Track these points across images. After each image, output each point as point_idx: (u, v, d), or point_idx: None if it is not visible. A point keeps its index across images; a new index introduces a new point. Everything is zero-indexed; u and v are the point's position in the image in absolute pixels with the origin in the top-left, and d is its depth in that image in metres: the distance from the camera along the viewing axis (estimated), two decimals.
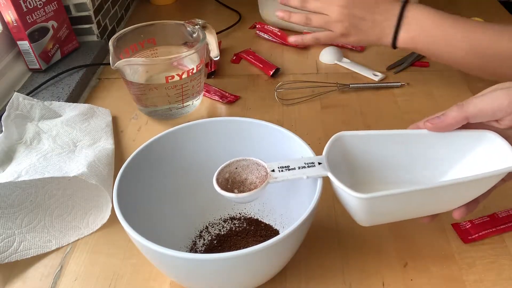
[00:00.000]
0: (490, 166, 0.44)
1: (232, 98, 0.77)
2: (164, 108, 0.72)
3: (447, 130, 0.46)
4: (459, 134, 0.46)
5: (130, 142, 0.70)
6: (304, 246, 0.52)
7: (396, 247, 0.51)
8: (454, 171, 0.48)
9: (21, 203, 0.56)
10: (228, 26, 0.99)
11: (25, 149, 0.61)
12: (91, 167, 0.56)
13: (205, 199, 0.54)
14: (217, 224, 0.55)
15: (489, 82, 0.49)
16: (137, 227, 0.41)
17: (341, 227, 0.54)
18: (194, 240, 0.53)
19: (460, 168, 0.48)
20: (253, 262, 0.40)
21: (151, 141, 0.50)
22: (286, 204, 0.53)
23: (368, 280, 0.48)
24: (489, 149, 0.46)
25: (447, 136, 0.46)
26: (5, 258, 0.52)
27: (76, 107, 0.71)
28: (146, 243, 0.39)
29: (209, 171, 0.54)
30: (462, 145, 0.47)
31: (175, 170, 0.53)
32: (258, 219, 0.55)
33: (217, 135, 0.53)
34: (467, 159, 0.47)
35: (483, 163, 0.46)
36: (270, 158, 0.52)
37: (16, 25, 0.77)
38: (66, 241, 0.55)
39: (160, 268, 0.45)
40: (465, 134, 0.46)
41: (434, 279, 0.48)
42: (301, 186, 0.49)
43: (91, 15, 0.90)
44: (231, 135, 0.53)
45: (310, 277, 0.49)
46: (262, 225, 0.54)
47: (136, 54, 0.73)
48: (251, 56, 0.87)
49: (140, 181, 0.49)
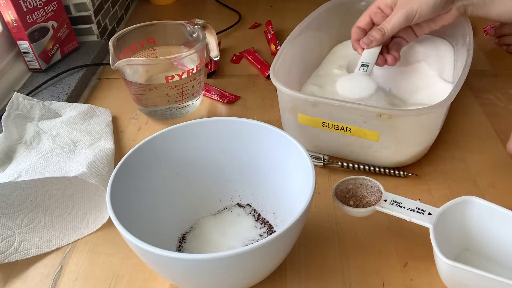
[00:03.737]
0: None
1: (232, 98, 0.77)
2: (164, 108, 0.72)
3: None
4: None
5: (130, 142, 0.70)
6: (304, 246, 0.52)
7: (396, 247, 0.51)
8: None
9: (21, 203, 0.56)
10: (228, 26, 0.99)
11: (25, 149, 0.61)
12: (91, 167, 0.56)
13: (198, 198, 0.54)
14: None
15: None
16: (130, 227, 0.40)
17: (341, 227, 0.54)
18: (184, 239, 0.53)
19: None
20: (247, 261, 0.40)
21: (146, 141, 0.50)
22: (279, 203, 0.53)
23: (368, 280, 0.48)
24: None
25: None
26: (5, 258, 0.52)
27: (76, 107, 0.71)
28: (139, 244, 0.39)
29: (206, 171, 0.55)
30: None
31: (170, 170, 0.53)
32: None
33: (211, 135, 0.53)
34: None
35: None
36: (266, 160, 0.53)
37: (16, 25, 0.77)
38: (66, 241, 0.55)
39: (154, 269, 0.44)
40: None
41: (434, 279, 0.48)
42: (295, 185, 0.49)
43: (91, 15, 0.90)
44: (226, 135, 0.53)
45: (310, 277, 0.49)
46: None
47: (136, 54, 0.73)
48: (251, 56, 0.87)
49: (134, 181, 0.49)
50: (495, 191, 0.57)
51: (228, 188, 0.56)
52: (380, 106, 0.57)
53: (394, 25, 0.61)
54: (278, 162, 0.51)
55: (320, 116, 0.58)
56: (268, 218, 0.54)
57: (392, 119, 0.54)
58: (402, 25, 0.61)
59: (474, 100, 0.73)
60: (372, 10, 0.64)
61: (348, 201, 0.49)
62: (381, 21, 0.63)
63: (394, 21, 0.61)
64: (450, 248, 0.46)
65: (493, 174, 0.59)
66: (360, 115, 0.55)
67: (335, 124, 0.58)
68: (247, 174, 0.55)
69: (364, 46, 0.64)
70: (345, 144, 0.60)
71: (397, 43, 0.66)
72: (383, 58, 0.65)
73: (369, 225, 0.54)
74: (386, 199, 0.48)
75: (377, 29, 0.62)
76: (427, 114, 0.54)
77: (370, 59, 0.63)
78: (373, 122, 0.55)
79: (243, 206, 0.56)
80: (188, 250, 0.51)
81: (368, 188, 0.49)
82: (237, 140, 0.53)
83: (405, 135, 0.56)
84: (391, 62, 0.64)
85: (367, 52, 0.64)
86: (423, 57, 0.71)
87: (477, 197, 0.46)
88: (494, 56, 0.83)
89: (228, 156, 0.54)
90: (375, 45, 0.63)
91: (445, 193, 0.57)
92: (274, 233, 0.38)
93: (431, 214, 0.46)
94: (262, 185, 0.54)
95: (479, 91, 0.74)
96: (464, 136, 0.66)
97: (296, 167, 0.48)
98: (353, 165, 0.61)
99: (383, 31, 0.62)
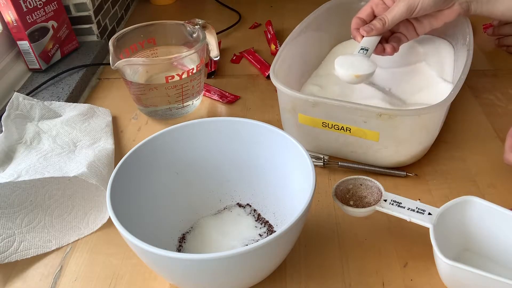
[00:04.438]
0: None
1: (232, 98, 0.77)
2: (164, 108, 0.72)
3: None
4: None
5: (130, 142, 0.70)
6: (304, 246, 0.52)
7: (396, 247, 0.51)
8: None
9: (21, 203, 0.56)
10: (228, 26, 0.99)
11: (25, 149, 0.61)
12: (91, 167, 0.56)
13: (198, 198, 0.54)
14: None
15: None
16: (130, 227, 0.40)
17: (341, 227, 0.54)
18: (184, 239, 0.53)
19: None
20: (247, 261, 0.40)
21: (146, 141, 0.50)
22: (279, 203, 0.53)
23: (368, 280, 0.48)
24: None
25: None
26: (5, 258, 0.52)
27: (76, 107, 0.71)
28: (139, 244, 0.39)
29: (206, 171, 0.55)
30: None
31: (170, 170, 0.53)
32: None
33: (211, 135, 0.53)
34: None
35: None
36: (266, 160, 0.52)
37: (16, 25, 0.77)
38: (66, 241, 0.55)
39: (154, 269, 0.44)
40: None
41: (434, 279, 0.48)
42: (295, 185, 0.49)
43: (91, 15, 0.90)
44: (226, 135, 0.53)
45: (310, 277, 0.49)
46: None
47: (136, 54, 0.73)
48: (251, 56, 0.87)
49: (134, 181, 0.49)
50: (495, 191, 0.57)
51: (228, 188, 0.56)
52: (380, 106, 0.57)
53: (395, 16, 0.61)
54: (278, 162, 0.51)
55: (320, 116, 0.58)
56: (268, 218, 0.54)
57: (392, 119, 0.54)
58: (403, 17, 0.61)
59: (474, 100, 0.73)
60: (374, 1, 0.64)
61: (348, 201, 0.49)
62: (382, 13, 0.63)
63: (395, 12, 0.61)
64: (450, 248, 0.46)
65: (493, 174, 0.59)
66: (360, 115, 0.55)
67: (335, 124, 0.58)
68: (247, 174, 0.55)
69: (363, 33, 0.62)
70: (345, 144, 0.60)
71: (397, 38, 0.66)
72: (382, 47, 0.64)
73: (369, 225, 0.54)
74: (386, 199, 0.48)
75: (378, 19, 0.62)
76: (427, 114, 0.54)
77: (369, 44, 0.62)
78: (373, 122, 0.55)
79: (243, 206, 0.56)
80: (188, 250, 0.51)
81: (368, 188, 0.49)
82: (237, 140, 0.53)
83: (405, 135, 0.56)
84: (390, 52, 0.64)
85: (367, 39, 0.63)
86: (423, 57, 0.71)
87: (477, 197, 0.46)
88: (494, 56, 0.83)
89: (228, 156, 0.54)
90: (375, 34, 0.62)
91: (445, 193, 0.57)
92: (274, 233, 0.38)
93: (431, 214, 0.46)
94: (262, 185, 0.54)
95: (479, 91, 0.74)
96: (464, 136, 0.66)
97: (296, 167, 0.48)
98: (353, 165, 0.61)
99: (383, 21, 0.61)
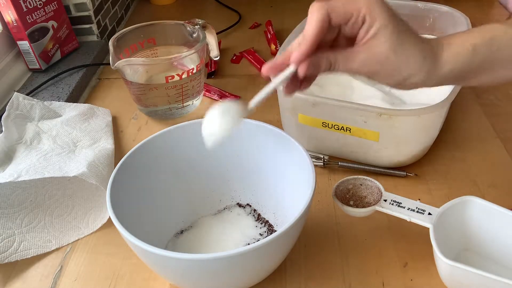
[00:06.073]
0: None
1: (232, 98, 0.77)
2: (164, 108, 0.72)
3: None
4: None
5: (130, 142, 0.70)
6: (304, 246, 0.52)
7: (396, 247, 0.51)
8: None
9: (21, 203, 0.56)
10: (228, 26, 0.99)
11: (25, 149, 0.61)
12: (91, 167, 0.56)
13: (198, 198, 0.54)
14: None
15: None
16: (130, 227, 0.40)
17: (341, 227, 0.54)
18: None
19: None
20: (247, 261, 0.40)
21: (146, 141, 0.50)
22: (279, 203, 0.53)
23: (368, 280, 0.48)
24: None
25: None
26: (5, 258, 0.52)
27: (76, 107, 0.71)
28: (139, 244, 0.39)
29: (206, 171, 0.55)
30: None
31: (170, 170, 0.53)
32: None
33: None
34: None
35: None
36: (266, 160, 0.52)
37: (16, 25, 0.77)
38: (66, 241, 0.55)
39: (154, 269, 0.44)
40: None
41: (434, 279, 0.48)
42: (295, 185, 0.49)
43: (91, 15, 0.90)
44: None
45: (310, 277, 0.49)
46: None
47: (136, 54, 0.73)
48: (251, 56, 0.87)
49: (134, 181, 0.49)
50: (495, 191, 0.57)
51: (228, 188, 0.56)
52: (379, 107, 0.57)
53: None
54: (278, 162, 0.51)
55: (320, 116, 0.58)
56: (268, 218, 0.54)
57: (392, 119, 0.54)
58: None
59: (474, 100, 0.73)
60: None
61: (348, 201, 0.49)
62: None
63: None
64: (450, 248, 0.46)
65: (493, 174, 0.59)
66: (360, 115, 0.55)
67: (335, 124, 0.58)
68: (247, 174, 0.55)
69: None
70: (345, 144, 0.60)
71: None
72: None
73: (369, 225, 0.54)
74: (386, 199, 0.48)
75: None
76: (427, 114, 0.54)
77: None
78: (373, 122, 0.55)
79: (243, 206, 0.56)
80: (188, 250, 0.51)
81: (368, 188, 0.49)
82: (237, 140, 0.53)
83: (405, 135, 0.56)
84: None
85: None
86: None
87: (477, 197, 0.46)
88: None
89: (228, 156, 0.54)
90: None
91: (445, 193, 0.57)
92: (274, 233, 0.38)
93: (431, 214, 0.46)
94: (262, 185, 0.54)
95: (479, 91, 0.74)
96: (464, 136, 0.66)
97: (296, 167, 0.48)
98: (353, 165, 0.61)
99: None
